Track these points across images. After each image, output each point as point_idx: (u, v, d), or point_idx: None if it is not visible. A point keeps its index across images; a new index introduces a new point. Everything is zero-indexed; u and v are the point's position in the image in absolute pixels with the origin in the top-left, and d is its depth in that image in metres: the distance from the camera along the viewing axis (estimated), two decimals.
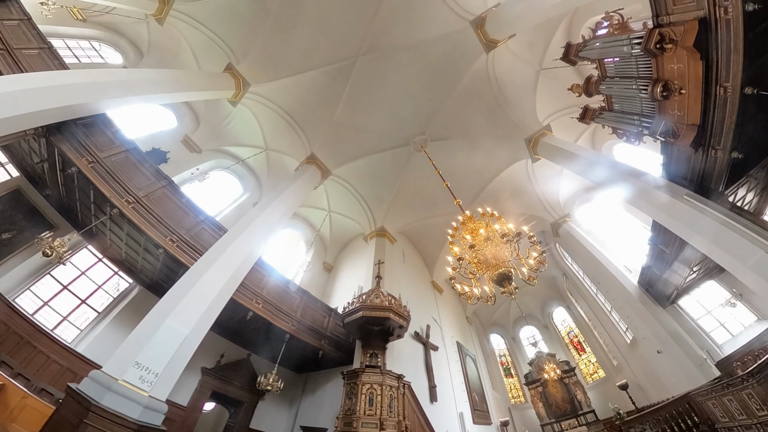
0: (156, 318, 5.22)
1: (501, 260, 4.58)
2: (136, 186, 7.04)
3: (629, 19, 5.39)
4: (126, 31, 10.92)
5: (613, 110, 6.60)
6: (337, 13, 9.52)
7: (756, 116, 5.12)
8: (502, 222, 4.85)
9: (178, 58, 10.98)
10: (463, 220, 5.03)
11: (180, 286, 5.72)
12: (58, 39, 10.03)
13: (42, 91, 5.64)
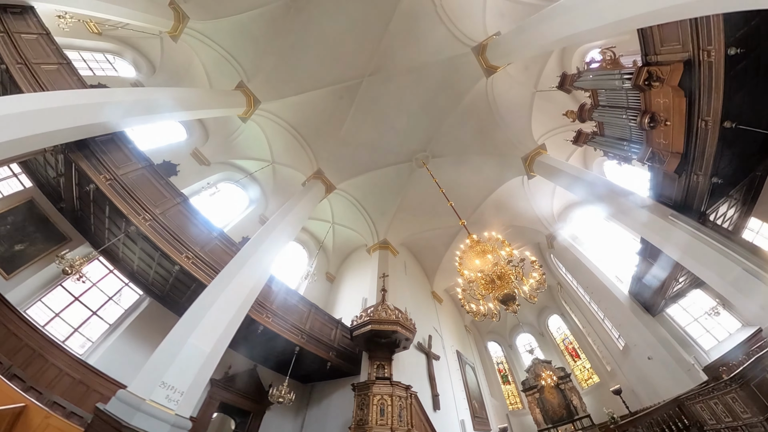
0: (179, 337, 5.35)
1: (505, 282, 5.04)
2: (152, 203, 7.17)
3: (621, 56, 5.93)
4: (140, 45, 11.22)
5: (605, 135, 7.16)
6: (346, 35, 10.01)
7: (734, 145, 5.70)
8: (505, 245, 5.31)
9: (190, 73, 11.29)
10: (471, 244, 5.43)
11: (199, 305, 5.86)
12: (74, 51, 10.29)
13: (64, 110, 5.84)
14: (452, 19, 9.39)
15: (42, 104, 5.54)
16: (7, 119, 4.91)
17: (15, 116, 5.02)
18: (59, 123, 5.68)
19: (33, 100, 5.54)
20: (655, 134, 6.01)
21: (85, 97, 6.48)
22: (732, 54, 4.60)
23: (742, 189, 7.07)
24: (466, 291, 5.20)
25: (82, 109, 6.19)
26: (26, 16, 7.00)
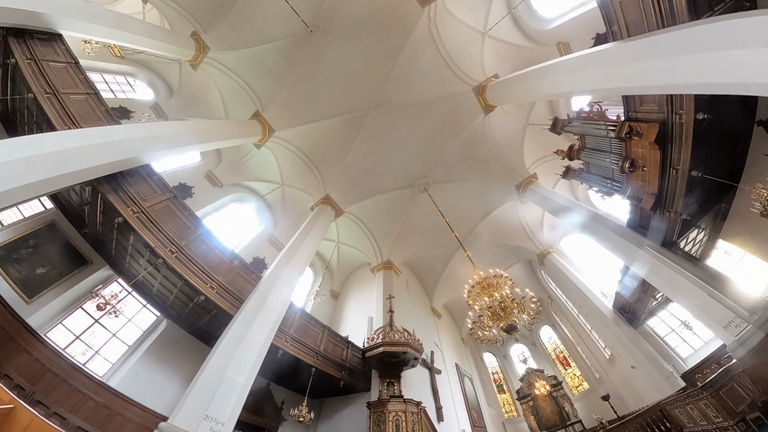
0: (217, 371, 5.67)
1: (508, 313, 5.88)
2: (177, 235, 7.36)
3: (606, 110, 6.89)
4: (159, 68, 11.75)
5: (590, 173, 8.12)
6: (355, 70, 10.84)
7: (701, 186, 6.70)
8: (507, 279, 6.15)
9: (206, 97, 11.85)
10: (478, 280, 6.21)
11: (232, 338, 6.21)
12: (97, 73, 10.69)
13: (98, 147, 6.06)
14: (453, 59, 10.36)
15: (77, 142, 5.77)
16: (45, 158, 5.13)
17: (54, 154, 5.27)
18: (94, 160, 5.93)
19: (69, 139, 5.77)
20: (634, 176, 6.96)
21: (117, 134, 6.73)
22: (700, 118, 5.57)
23: (709, 218, 8.15)
24: (476, 323, 6.01)
25: (114, 146, 6.47)
26: (54, 43, 7.14)
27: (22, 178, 4.66)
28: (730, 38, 3.63)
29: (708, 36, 3.89)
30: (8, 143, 4.88)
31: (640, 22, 5.13)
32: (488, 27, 10.24)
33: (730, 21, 3.68)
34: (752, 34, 3.43)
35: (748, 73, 3.49)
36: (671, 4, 4.71)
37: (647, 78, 4.76)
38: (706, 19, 4.25)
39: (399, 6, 9.94)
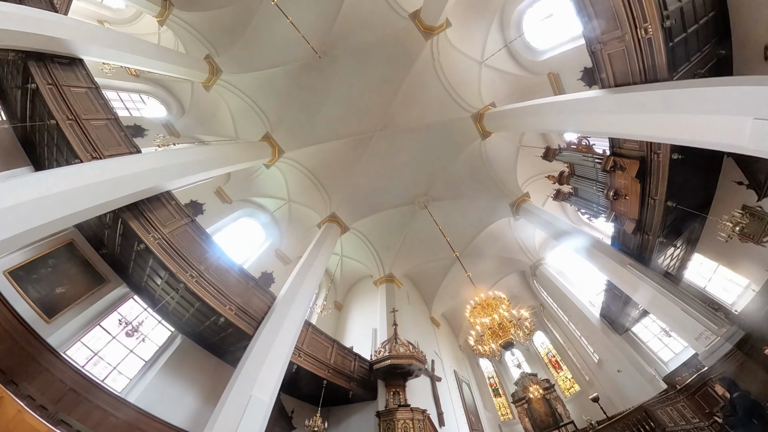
0: (243, 391, 5.95)
1: (505, 331, 6.65)
2: (196, 259, 7.57)
3: (593, 144, 7.71)
4: (172, 87, 12.29)
5: (578, 196, 8.94)
6: (361, 94, 11.58)
7: (676, 214, 7.55)
8: (505, 301, 6.93)
9: (216, 116, 12.42)
10: (480, 301, 6.94)
11: (255, 359, 6.53)
12: (113, 91, 11.14)
13: (120, 180, 6.21)
14: (453, 86, 11.17)
15: (103, 176, 5.92)
16: (74, 192, 5.30)
17: (82, 189, 5.42)
18: (119, 192, 6.11)
19: (94, 172, 5.89)
20: (617, 203, 7.78)
21: (141, 165, 6.95)
22: (675, 158, 6.39)
23: (684, 237, 9.04)
24: (478, 341, 6.77)
25: (138, 177, 6.66)
26: (75, 67, 7.23)
27: (52, 214, 4.89)
28: (699, 104, 4.40)
29: (681, 100, 4.67)
30: (37, 179, 5.11)
31: (626, 73, 5.92)
32: (485, 57, 11.07)
33: (698, 89, 4.48)
34: (716, 102, 4.20)
35: (713, 133, 4.24)
36: (653, 61, 5.52)
37: (628, 128, 5.56)
38: (680, 82, 5.08)
39: (404, 37, 10.71)
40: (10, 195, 4.50)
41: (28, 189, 4.77)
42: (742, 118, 3.81)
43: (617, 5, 5.27)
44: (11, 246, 4.50)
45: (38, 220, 4.67)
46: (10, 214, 4.36)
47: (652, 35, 5.23)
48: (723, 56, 6.31)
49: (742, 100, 3.85)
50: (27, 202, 4.60)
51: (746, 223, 5.78)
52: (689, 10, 5.60)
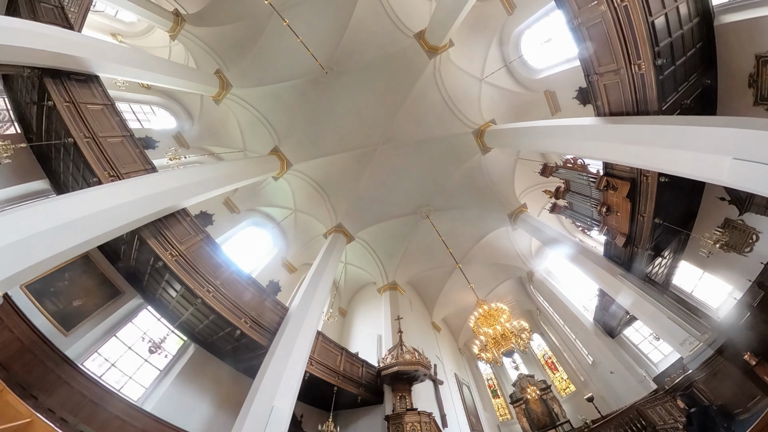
0: (264, 402, 6.16)
1: (507, 340, 7.20)
2: (212, 274, 7.74)
3: (588, 164, 8.28)
4: (182, 99, 12.72)
5: (573, 210, 9.52)
6: (366, 108, 12.06)
7: (663, 228, 8.16)
8: (506, 312, 7.47)
9: (225, 127, 12.84)
10: (483, 312, 7.47)
11: (273, 371, 6.77)
12: (124, 103, 11.49)
13: (140, 201, 6.37)
14: (454, 102, 11.71)
15: (122, 199, 6.03)
16: (96, 217, 5.42)
17: (102, 213, 5.54)
18: (139, 214, 6.26)
19: (114, 196, 5.98)
20: (609, 218, 8.38)
21: (159, 185, 7.09)
22: (663, 181, 6.98)
23: (671, 248, 9.69)
24: (482, 350, 7.30)
25: (157, 197, 6.84)
26: (91, 84, 7.36)
27: (76, 238, 5.04)
28: (685, 141, 4.95)
29: (669, 136, 5.23)
30: (61, 205, 5.21)
31: (620, 102, 6.49)
32: (485, 74, 11.62)
33: (685, 127, 5.03)
34: (699, 141, 4.76)
35: (696, 167, 4.80)
36: (645, 95, 6.10)
37: (620, 156, 6.14)
38: (668, 118, 5.66)
39: (408, 55, 11.21)
40: (35, 221, 4.68)
41: (53, 215, 4.94)
42: (722, 157, 4.37)
43: (614, 42, 5.83)
44: (37, 271, 4.69)
45: (63, 245, 4.85)
46: (36, 241, 4.55)
47: (645, 71, 5.81)
48: (708, 86, 6.93)
49: (723, 141, 4.41)
50: (52, 228, 4.77)
51: (725, 240, 6.37)
52: (678, 44, 6.20)
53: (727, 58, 6.59)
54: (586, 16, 5.90)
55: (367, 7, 10.97)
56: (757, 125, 4.18)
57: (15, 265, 4.30)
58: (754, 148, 4.02)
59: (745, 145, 4.13)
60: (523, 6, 10.50)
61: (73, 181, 7.80)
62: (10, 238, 4.34)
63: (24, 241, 4.44)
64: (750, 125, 4.25)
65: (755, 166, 3.99)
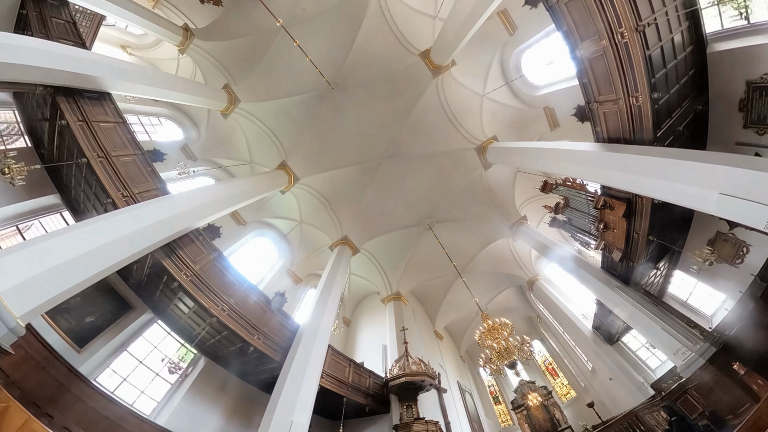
0: (284, 418, 6.50)
1: (510, 352, 7.72)
2: (225, 292, 7.96)
3: (586, 184, 8.84)
4: (189, 111, 13.15)
5: (572, 225, 10.08)
6: (371, 123, 12.56)
7: (656, 244, 8.73)
8: (510, 327, 8.00)
9: (232, 139, 13.28)
10: (488, 327, 7.97)
11: (290, 387, 7.14)
12: (133, 116, 11.77)
13: (157, 225, 6.47)
14: (457, 118, 12.27)
15: (140, 223, 6.15)
16: (113, 244, 5.57)
17: (121, 239, 5.69)
18: (155, 237, 6.36)
19: (131, 221, 6.09)
20: (606, 234, 8.93)
21: (175, 208, 7.25)
22: (657, 202, 7.52)
23: (666, 260, 10.29)
24: (487, 362, 7.82)
25: (172, 220, 6.95)
26: (103, 101, 7.51)
27: (96, 266, 5.20)
28: (676, 174, 5.48)
29: (662, 169, 5.75)
30: (80, 233, 5.31)
31: (617, 129, 7.05)
32: (486, 91, 12.18)
33: (676, 161, 5.56)
34: (689, 175, 5.29)
35: (686, 197, 5.38)
36: (641, 124, 6.66)
37: (617, 182, 6.73)
38: (662, 150, 6.17)
39: (413, 72, 11.75)
40: (58, 252, 4.80)
41: (75, 244, 5.05)
42: (709, 191, 4.91)
43: (614, 75, 6.37)
44: (59, 300, 4.77)
45: (86, 274, 5.01)
46: (59, 272, 4.67)
47: (642, 104, 6.37)
48: (700, 111, 7.52)
49: (711, 177, 4.95)
50: (74, 258, 4.90)
51: (713, 259, 6.93)
52: (672, 74, 6.78)
53: (719, 84, 7.17)
54: (588, 48, 6.44)
55: (373, 24, 11.48)
56: (742, 163, 4.73)
57: (39, 297, 4.45)
58: (739, 186, 4.56)
59: (730, 182, 4.67)
60: (524, 27, 11.09)
61: (84, 197, 7.99)
62: (34, 270, 4.47)
63: (47, 272, 4.57)
64: (736, 163, 4.80)
65: (739, 202, 4.52)
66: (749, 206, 4.45)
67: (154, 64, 14.04)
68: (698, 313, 10.74)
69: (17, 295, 4.24)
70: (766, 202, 4.28)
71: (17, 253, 4.50)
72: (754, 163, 4.66)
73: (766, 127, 6.96)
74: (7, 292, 4.13)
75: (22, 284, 4.31)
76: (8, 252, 4.50)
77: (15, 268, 4.35)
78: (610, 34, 5.91)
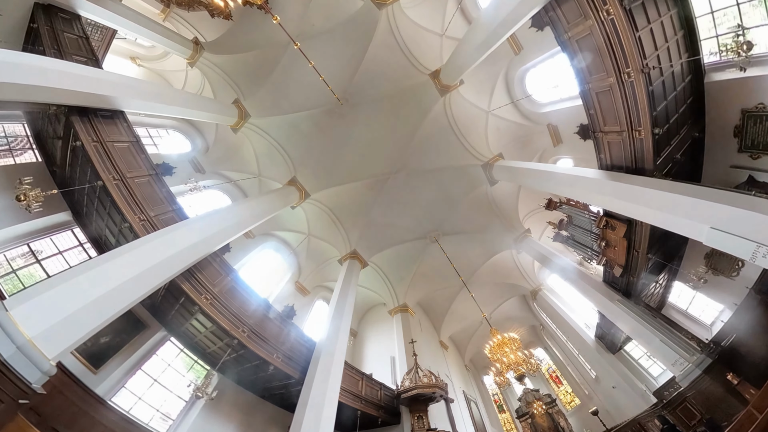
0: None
1: (518, 365, 8.47)
2: (245, 314, 8.34)
3: (590, 205, 9.63)
4: (198, 123, 13.60)
5: (575, 241, 10.87)
6: (379, 139, 13.25)
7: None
8: (518, 342, 8.76)
9: (240, 152, 13.88)
10: (497, 342, 8.72)
11: (313, 405, 7.58)
12: (142, 128, 12.19)
13: (178, 255, 6.63)
14: (464, 134, 13.05)
15: (163, 254, 6.30)
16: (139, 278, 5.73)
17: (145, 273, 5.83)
18: (178, 266, 6.62)
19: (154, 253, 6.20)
20: (607, 251, 9.72)
21: (192, 235, 7.28)
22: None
23: (665, 272, 11.15)
24: (497, 376, 8.57)
25: (192, 248, 7.09)
26: (117, 120, 7.71)
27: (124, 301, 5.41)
28: (672, 207, 6.18)
29: (660, 201, 6.45)
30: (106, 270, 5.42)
31: (620, 158, 7.82)
32: (491, 107, 12.96)
33: (672, 195, 6.28)
34: (683, 208, 6.02)
35: (681, 227, 6.08)
36: (643, 155, 7.44)
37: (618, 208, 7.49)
38: (661, 183, 6.86)
39: (421, 90, 12.44)
40: (86, 290, 4.95)
41: (102, 281, 5.21)
42: (702, 225, 5.67)
43: (619, 110, 7.08)
44: (88, 336, 4.96)
45: (113, 309, 5.23)
46: (88, 311, 4.83)
47: (644, 137, 7.12)
48: (697, 138, 8.33)
49: (703, 212, 5.70)
50: (103, 295, 5.08)
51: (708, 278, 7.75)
52: (672, 105, 7.54)
53: (715, 111, 7.95)
54: (597, 84, 7.17)
55: (382, 41, 12.13)
56: (731, 201, 5.48)
57: (70, 338, 4.64)
58: (727, 222, 5.31)
59: (720, 218, 5.43)
60: (529, 47, 11.84)
61: (97, 215, 8.25)
62: (65, 311, 4.59)
63: (77, 312, 4.71)
64: (726, 200, 5.55)
65: (728, 236, 5.29)
66: (736, 240, 5.21)
67: (163, 75, 14.54)
68: (698, 322, 11.59)
69: (49, 338, 4.41)
70: (750, 238, 5.03)
71: (47, 294, 4.63)
72: (742, 202, 5.40)
73: (760, 152, 7.77)
74: (38, 337, 4.30)
75: (54, 327, 4.47)
76: (38, 292, 4.63)
77: (45, 311, 4.49)
78: (618, 74, 6.61)
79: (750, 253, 5.12)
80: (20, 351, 4.17)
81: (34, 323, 4.35)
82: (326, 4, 11.94)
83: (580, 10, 6.39)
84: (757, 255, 4.99)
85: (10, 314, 4.22)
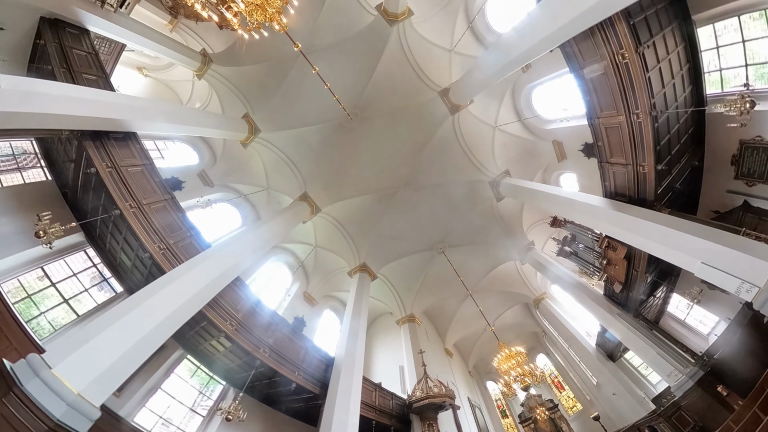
0: None
1: (524, 377, 9.44)
2: (266, 334, 8.91)
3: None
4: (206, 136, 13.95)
5: (578, 256, 11.80)
6: (388, 153, 14.04)
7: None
8: (524, 355, 9.71)
9: (248, 165, 14.52)
10: (506, 355, 9.65)
11: (338, 421, 8.17)
12: (150, 141, 12.73)
13: (207, 287, 6.97)
14: (471, 149, 13.87)
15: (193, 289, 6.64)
16: (175, 313, 6.14)
17: (177, 310, 6.19)
18: (206, 298, 7.06)
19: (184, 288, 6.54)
20: (608, 268, 10.65)
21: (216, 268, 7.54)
22: None
23: (663, 287, 12.14)
24: (504, 388, 9.53)
25: (218, 279, 7.45)
26: (130, 142, 7.92)
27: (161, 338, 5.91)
28: (668, 240, 6.98)
29: (658, 234, 7.25)
30: (144, 310, 5.74)
31: (624, 188, 8.70)
32: (498, 123, 13.77)
33: (669, 230, 7.06)
34: (678, 242, 6.85)
35: (675, 258, 6.87)
36: (645, 187, 8.32)
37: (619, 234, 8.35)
38: (658, 216, 7.67)
39: (431, 106, 13.19)
40: (124, 338, 5.24)
41: (137, 324, 5.52)
42: (694, 259, 6.57)
43: (626, 146, 7.90)
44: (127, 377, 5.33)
45: (152, 347, 5.70)
46: (127, 357, 5.19)
47: (647, 171, 7.98)
48: (696, 166, 9.24)
49: (695, 248, 6.56)
50: (140, 340, 5.40)
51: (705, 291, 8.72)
52: (674, 137, 8.39)
53: (715, 141, 8.84)
54: (606, 120, 7.97)
55: (392, 56, 12.78)
56: (722, 240, 6.34)
57: (113, 384, 5.04)
58: (716, 259, 6.20)
59: (710, 255, 6.30)
60: (537, 66, 12.59)
61: (111, 238, 8.43)
62: (107, 360, 4.88)
63: (118, 360, 5.03)
64: (716, 238, 6.43)
65: (717, 272, 6.20)
66: (724, 275, 6.12)
67: (170, 85, 15.04)
68: (695, 331, 12.58)
69: (95, 389, 4.70)
70: (736, 275, 5.94)
71: (88, 345, 4.86)
72: (731, 241, 6.30)
73: (755, 180, 8.69)
74: (85, 390, 4.56)
75: (99, 377, 4.75)
76: (79, 345, 4.85)
77: (88, 363, 4.75)
78: (627, 114, 7.40)
79: (735, 287, 6.02)
80: (71, 407, 4.39)
81: (80, 377, 4.58)
82: (336, 19, 12.49)
83: (596, 51, 7.08)
84: (741, 290, 5.89)
85: (54, 372, 4.39)
